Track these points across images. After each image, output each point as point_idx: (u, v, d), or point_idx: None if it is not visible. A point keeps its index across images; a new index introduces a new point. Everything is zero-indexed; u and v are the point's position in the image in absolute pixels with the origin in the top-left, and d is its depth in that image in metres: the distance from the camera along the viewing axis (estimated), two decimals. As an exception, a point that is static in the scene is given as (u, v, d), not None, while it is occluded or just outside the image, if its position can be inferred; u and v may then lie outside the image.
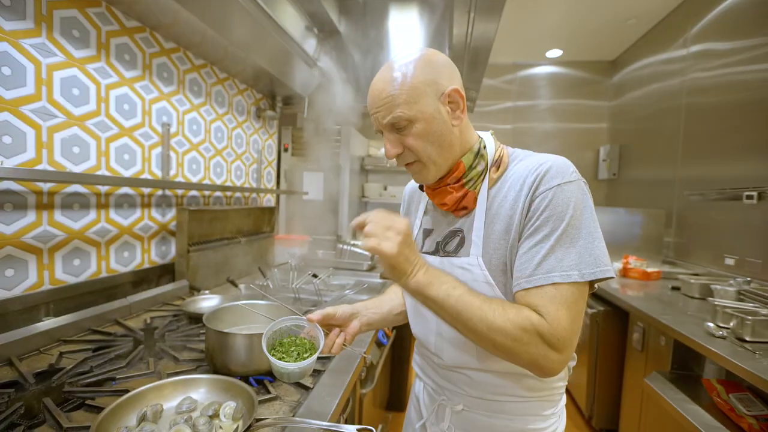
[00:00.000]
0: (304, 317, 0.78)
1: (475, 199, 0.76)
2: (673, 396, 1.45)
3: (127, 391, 0.77)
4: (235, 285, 1.70)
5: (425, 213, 0.90)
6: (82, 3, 1.28)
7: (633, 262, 2.47)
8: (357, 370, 1.05)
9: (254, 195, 2.45)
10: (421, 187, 0.88)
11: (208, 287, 1.68)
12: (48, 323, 1.08)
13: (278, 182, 2.81)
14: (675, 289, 2.15)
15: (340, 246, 2.47)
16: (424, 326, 0.84)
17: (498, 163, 0.77)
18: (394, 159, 0.77)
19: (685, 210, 2.62)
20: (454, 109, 0.73)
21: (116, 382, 0.89)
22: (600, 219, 2.57)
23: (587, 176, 3.67)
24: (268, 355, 0.72)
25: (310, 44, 2.36)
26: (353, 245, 2.48)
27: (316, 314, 0.78)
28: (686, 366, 1.62)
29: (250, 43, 1.79)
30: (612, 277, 0.65)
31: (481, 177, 0.76)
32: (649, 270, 2.39)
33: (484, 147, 0.78)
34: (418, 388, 0.95)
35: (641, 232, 2.76)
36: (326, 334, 0.78)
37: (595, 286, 0.68)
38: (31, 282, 1.17)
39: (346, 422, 1.15)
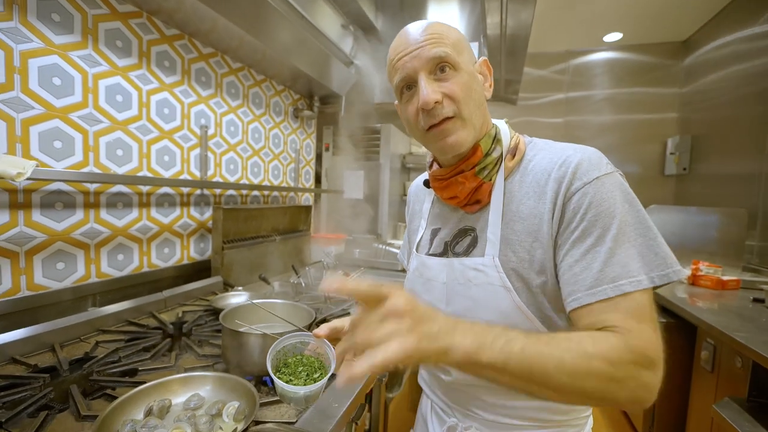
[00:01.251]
0: (310, 333, 0.70)
1: (490, 191, 0.68)
2: (750, 429, 1.23)
3: (144, 383, 0.80)
4: (267, 282, 1.74)
5: (431, 210, 0.83)
6: (125, 15, 1.36)
7: (704, 268, 2.18)
8: (372, 377, 1.01)
9: (292, 194, 2.50)
10: (426, 184, 0.82)
11: (242, 284, 1.73)
12: (90, 313, 1.16)
13: (317, 181, 2.84)
14: (758, 301, 1.85)
15: (376, 245, 2.45)
16: None
17: (514, 150, 0.70)
18: (428, 114, 0.65)
19: (773, 209, 2.26)
20: (484, 82, 0.71)
21: (138, 373, 0.93)
22: (665, 219, 2.31)
23: (652, 172, 3.32)
24: (275, 378, 0.64)
25: (347, 43, 2.35)
26: (389, 245, 2.45)
27: (323, 329, 0.69)
28: (768, 393, 1.38)
29: (288, 47, 1.82)
30: (684, 276, 0.56)
31: (497, 166, 0.69)
32: (725, 278, 2.09)
33: (499, 132, 0.72)
34: (425, 407, 0.88)
35: (717, 234, 2.42)
36: None
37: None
38: (80, 275, 1.27)
39: (368, 429, 1.12)
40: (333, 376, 0.60)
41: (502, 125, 0.74)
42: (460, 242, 0.73)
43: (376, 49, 2.40)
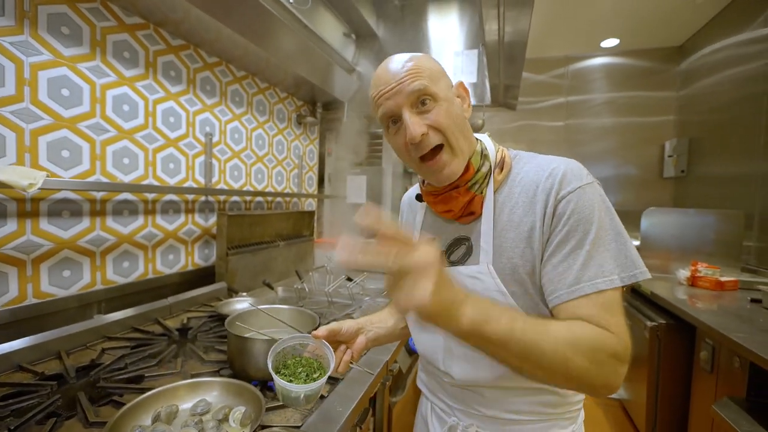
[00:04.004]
0: (308, 335, 0.73)
1: (482, 203, 0.72)
2: (748, 428, 1.25)
3: (151, 389, 0.81)
4: (271, 288, 1.76)
5: (424, 221, 0.85)
6: (132, 27, 1.39)
7: (703, 269, 2.19)
8: (375, 381, 1.03)
9: (295, 199, 2.52)
10: (418, 198, 0.84)
11: (246, 289, 1.75)
12: (95, 320, 1.18)
13: (320, 186, 2.87)
14: (755, 301, 1.87)
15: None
16: (431, 342, 0.79)
17: (501, 164, 0.73)
18: (416, 146, 0.67)
19: (770, 211, 2.28)
20: (462, 103, 0.73)
21: (145, 379, 0.95)
22: (664, 221, 2.34)
23: (650, 174, 3.35)
24: (276, 377, 0.64)
25: (349, 50, 2.39)
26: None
27: (322, 330, 0.72)
28: (766, 393, 1.39)
29: (292, 55, 1.85)
30: (649, 278, 0.63)
31: (486, 179, 0.73)
32: (723, 279, 2.10)
33: (485, 148, 0.76)
34: (425, 409, 0.89)
35: (714, 235, 2.44)
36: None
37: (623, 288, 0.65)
38: (85, 282, 1.29)
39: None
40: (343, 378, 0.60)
41: (485, 139, 0.77)
42: (456, 251, 0.76)
43: (378, 56, 2.43)
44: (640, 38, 3.21)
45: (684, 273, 2.26)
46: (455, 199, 0.72)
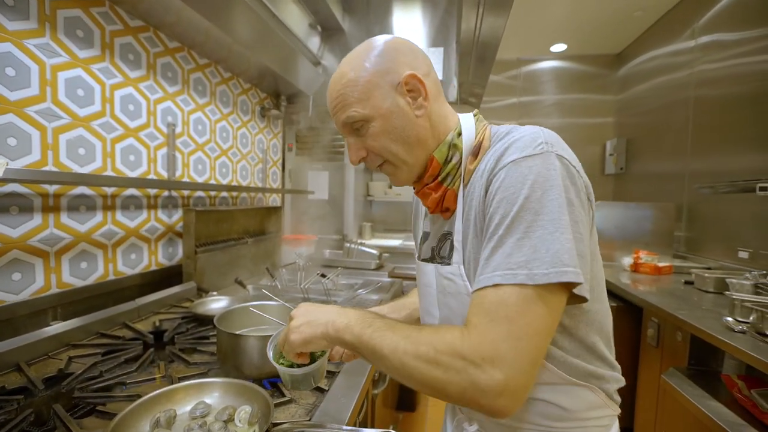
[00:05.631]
0: None
1: (455, 197, 0.67)
2: (692, 392, 1.42)
3: (139, 396, 0.75)
4: (243, 286, 1.69)
5: (425, 216, 0.82)
6: (85, 3, 1.26)
7: (644, 256, 2.44)
8: (371, 371, 1.03)
9: (260, 195, 2.43)
10: None
11: (216, 288, 1.66)
12: (56, 327, 1.06)
13: (283, 182, 2.79)
14: (688, 283, 2.11)
15: (348, 245, 2.45)
16: None
17: (477, 150, 0.64)
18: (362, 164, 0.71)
19: (695, 203, 2.58)
20: (416, 98, 0.64)
21: (126, 386, 0.87)
22: (609, 214, 2.53)
23: (595, 171, 3.64)
24: (278, 366, 0.69)
25: (314, 42, 2.34)
26: (360, 244, 2.46)
27: None
28: (704, 362, 1.59)
29: (255, 41, 1.77)
30: (579, 283, 0.49)
31: (458, 171, 0.66)
32: (661, 264, 2.35)
33: (459, 135, 0.67)
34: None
35: (651, 226, 2.72)
36: None
37: (574, 291, 0.50)
38: (39, 286, 1.15)
39: (359, 424, 1.13)
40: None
41: (466, 121, 0.69)
42: (443, 247, 0.71)
43: (344, 51, 2.40)
44: (584, 45, 3.48)
45: (628, 260, 2.50)
46: (429, 195, 0.69)
